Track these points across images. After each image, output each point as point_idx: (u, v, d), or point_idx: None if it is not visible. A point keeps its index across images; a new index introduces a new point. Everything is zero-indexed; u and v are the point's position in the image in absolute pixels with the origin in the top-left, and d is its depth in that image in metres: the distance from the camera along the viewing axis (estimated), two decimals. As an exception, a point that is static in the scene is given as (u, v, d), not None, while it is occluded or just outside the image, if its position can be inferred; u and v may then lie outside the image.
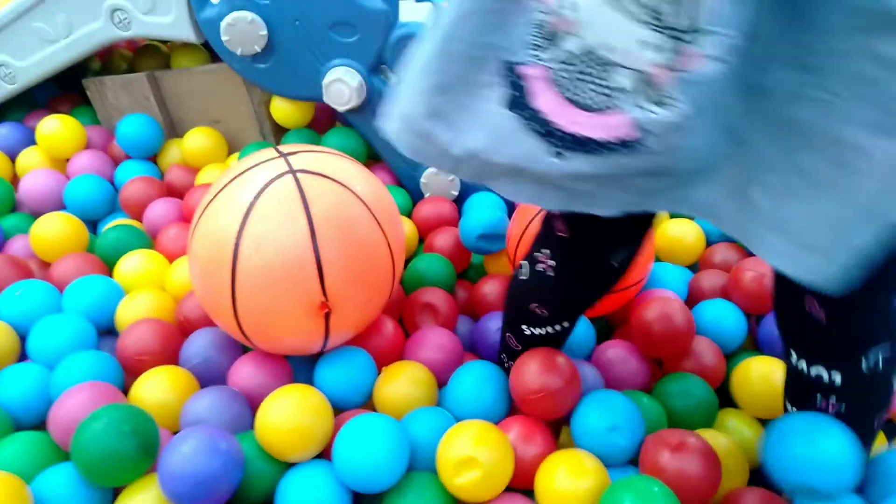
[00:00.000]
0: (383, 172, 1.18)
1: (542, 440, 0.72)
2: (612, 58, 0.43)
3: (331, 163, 0.77)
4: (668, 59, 0.41)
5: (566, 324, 0.74)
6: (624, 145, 0.44)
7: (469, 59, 0.48)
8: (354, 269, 0.74)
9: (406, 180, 1.17)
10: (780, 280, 0.61)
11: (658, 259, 1.04)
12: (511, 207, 1.15)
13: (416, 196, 1.17)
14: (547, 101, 0.46)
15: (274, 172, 0.73)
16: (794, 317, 0.61)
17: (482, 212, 1.00)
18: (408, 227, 1.07)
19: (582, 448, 0.72)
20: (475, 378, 0.79)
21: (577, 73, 0.44)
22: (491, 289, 0.96)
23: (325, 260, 0.71)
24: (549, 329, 0.74)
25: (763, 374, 0.80)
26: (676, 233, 1.05)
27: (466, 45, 0.48)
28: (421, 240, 1.10)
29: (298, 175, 0.73)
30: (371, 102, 1.09)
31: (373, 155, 1.20)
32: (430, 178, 1.14)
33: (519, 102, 0.47)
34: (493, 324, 0.89)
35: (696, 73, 0.41)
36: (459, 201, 1.15)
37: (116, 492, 0.67)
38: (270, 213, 0.70)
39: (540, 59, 0.46)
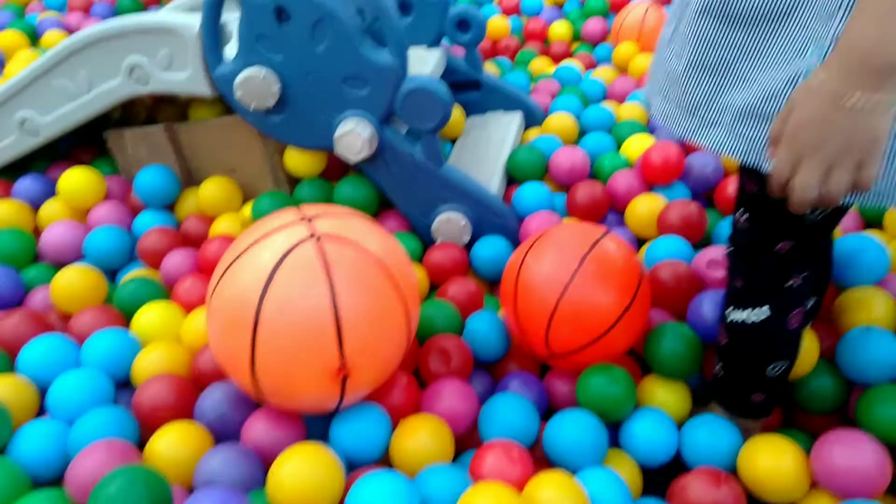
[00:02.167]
0: (395, 219, 1.20)
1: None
2: None
3: (351, 226, 0.79)
4: None
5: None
6: None
7: None
8: (373, 333, 0.75)
9: (417, 227, 1.18)
10: None
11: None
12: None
13: (427, 242, 1.18)
14: None
15: (297, 237, 0.74)
16: None
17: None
18: (419, 274, 1.08)
19: None
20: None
21: None
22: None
23: (345, 325, 0.72)
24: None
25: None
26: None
27: None
28: (432, 286, 1.11)
29: (321, 240, 0.74)
30: (383, 152, 1.11)
31: (384, 202, 1.22)
32: (442, 225, 1.15)
33: None
34: (515, 383, 0.91)
35: None
36: (470, 247, 1.16)
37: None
38: (293, 278, 0.72)
39: None
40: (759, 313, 0.73)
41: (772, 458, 0.77)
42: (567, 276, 0.84)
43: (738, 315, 0.75)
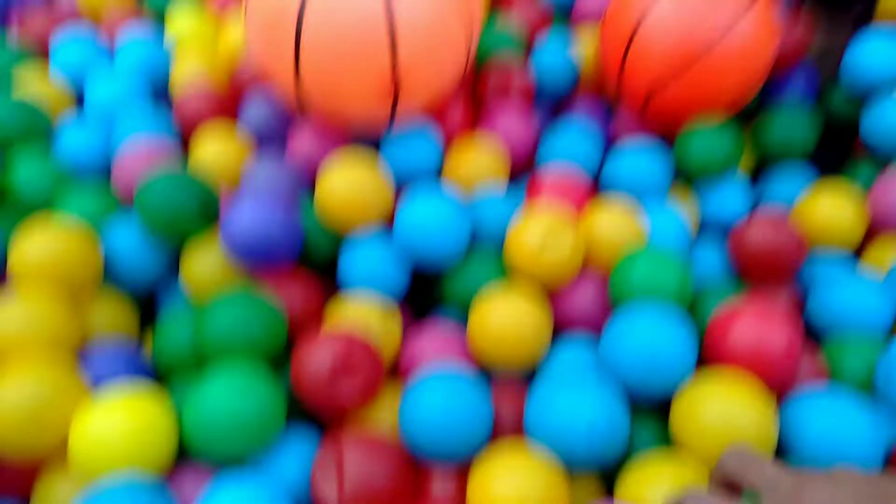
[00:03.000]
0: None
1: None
2: None
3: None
4: None
5: None
6: None
7: None
8: (430, 44, 0.66)
9: (480, -61, 1.02)
10: None
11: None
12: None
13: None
14: None
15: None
16: None
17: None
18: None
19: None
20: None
21: None
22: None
23: (400, 36, 0.63)
24: None
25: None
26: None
27: None
28: (492, 10, 0.99)
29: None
30: None
31: None
32: (509, -63, 0.99)
33: None
34: (580, 113, 0.84)
35: None
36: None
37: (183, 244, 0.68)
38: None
39: None
40: None
41: (832, 204, 0.72)
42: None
43: None
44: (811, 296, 0.68)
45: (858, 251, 0.76)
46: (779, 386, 0.54)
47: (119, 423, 0.46)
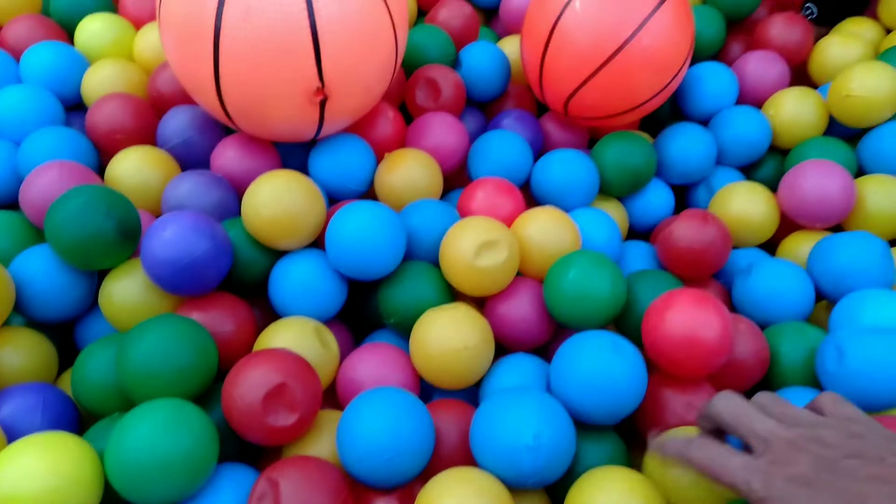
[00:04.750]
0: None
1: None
2: None
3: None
4: None
5: None
6: None
7: None
8: (356, 49, 0.64)
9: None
10: None
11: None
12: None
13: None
14: None
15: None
16: None
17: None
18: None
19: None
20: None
21: None
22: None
23: (324, 38, 0.61)
24: None
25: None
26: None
27: None
28: (421, 12, 0.98)
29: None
30: None
31: None
32: (433, -62, 0.98)
33: None
34: (508, 121, 0.83)
35: None
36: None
37: (102, 274, 0.64)
38: (259, -23, 0.59)
39: None
40: None
41: (743, 202, 0.76)
42: (629, 30, 0.71)
43: None
44: (737, 283, 0.70)
45: (770, 248, 0.79)
46: (714, 366, 0.55)
47: (36, 476, 0.43)
